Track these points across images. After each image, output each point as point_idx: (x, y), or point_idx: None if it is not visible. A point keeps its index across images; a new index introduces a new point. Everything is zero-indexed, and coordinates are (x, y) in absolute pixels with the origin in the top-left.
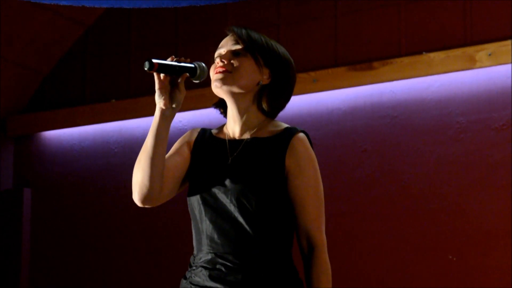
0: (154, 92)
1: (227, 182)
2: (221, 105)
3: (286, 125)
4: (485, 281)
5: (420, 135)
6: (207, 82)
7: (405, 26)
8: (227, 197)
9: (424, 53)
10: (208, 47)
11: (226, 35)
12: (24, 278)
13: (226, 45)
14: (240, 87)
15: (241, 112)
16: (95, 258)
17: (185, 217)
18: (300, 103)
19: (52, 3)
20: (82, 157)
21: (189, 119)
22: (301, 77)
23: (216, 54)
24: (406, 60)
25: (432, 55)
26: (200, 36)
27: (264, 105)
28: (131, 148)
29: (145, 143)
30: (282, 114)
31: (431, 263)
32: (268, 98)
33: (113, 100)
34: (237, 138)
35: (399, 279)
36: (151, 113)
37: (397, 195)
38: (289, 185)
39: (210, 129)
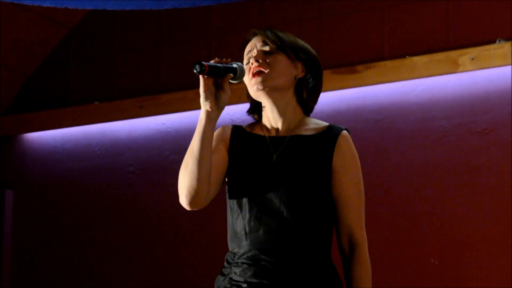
0: (137, 94)
1: (274, 180)
2: (254, 111)
3: (326, 123)
4: (467, 284)
5: (403, 138)
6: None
7: (389, 30)
8: (276, 195)
9: (407, 57)
10: (192, 49)
11: (247, 40)
12: (6, 279)
13: (254, 48)
14: (280, 84)
15: (281, 109)
16: (77, 259)
17: (168, 215)
18: None
19: (35, 4)
20: (64, 159)
21: (173, 122)
22: None
23: (246, 59)
24: (389, 63)
25: (415, 59)
26: (183, 38)
27: (305, 96)
28: (114, 150)
29: (191, 146)
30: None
31: (413, 267)
32: (307, 89)
33: (96, 102)
34: (277, 135)
35: (381, 282)
36: (134, 115)
37: (380, 198)
38: (334, 183)
39: (241, 126)
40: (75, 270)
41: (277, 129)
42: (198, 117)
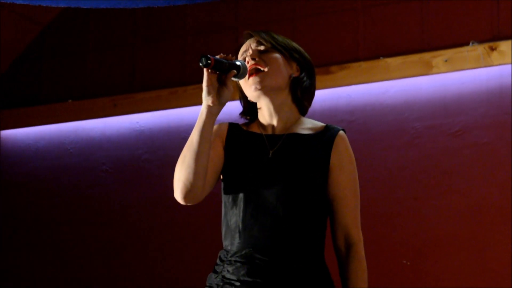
0: (111, 92)
1: (270, 177)
2: (249, 113)
3: (322, 123)
4: (439, 285)
5: (376, 139)
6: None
7: (363, 31)
8: (271, 192)
9: (381, 58)
10: (166, 48)
11: (241, 44)
12: None
13: (249, 48)
14: (277, 82)
15: (277, 107)
16: (48, 257)
17: (142, 214)
18: None
19: (9, 2)
20: (37, 157)
21: (147, 121)
22: None
23: (241, 59)
24: (363, 65)
25: (389, 60)
26: (158, 36)
27: (299, 95)
28: (87, 149)
29: (190, 140)
30: (239, 118)
31: (385, 268)
32: (302, 89)
33: (70, 100)
34: (274, 133)
35: None
36: (108, 114)
37: None
38: (331, 182)
39: (238, 123)
40: (47, 268)
41: (273, 128)
42: (172, 116)
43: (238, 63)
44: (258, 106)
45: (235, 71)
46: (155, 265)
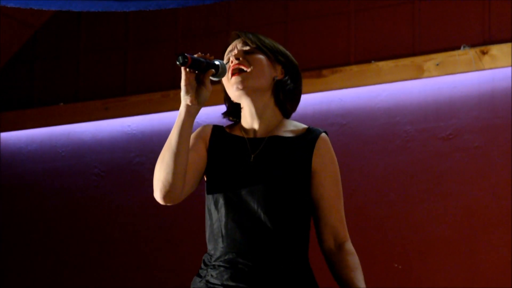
0: (102, 96)
1: (252, 181)
2: (231, 114)
3: (305, 125)
4: None
5: (368, 143)
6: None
7: (355, 35)
8: (253, 197)
9: (373, 62)
10: (158, 51)
11: (229, 44)
12: None
13: (235, 48)
14: (260, 84)
15: (259, 110)
16: (40, 261)
17: (133, 217)
18: None
19: (0, 5)
20: (29, 160)
21: (138, 124)
22: None
23: (226, 58)
24: (355, 68)
25: (381, 64)
26: (150, 40)
27: (282, 98)
28: (78, 152)
29: (168, 140)
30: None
31: (376, 271)
32: (284, 91)
33: (61, 103)
34: (256, 136)
35: None
36: (99, 117)
37: (344, 202)
38: (315, 185)
39: (222, 126)
40: (37, 270)
41: (255, 131)
42: (164, 120)
43: (216, 62)
44: (242, 107)
45: (213, 70)
46: (148, 267)
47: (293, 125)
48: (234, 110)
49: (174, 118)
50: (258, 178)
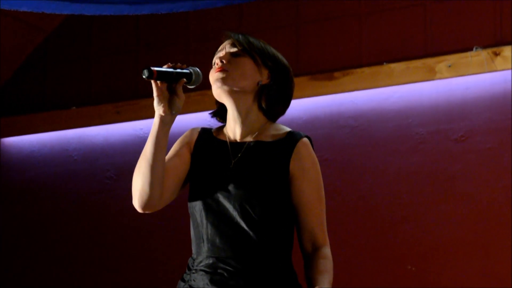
0: (114, 99)
1: (230, 187)
2: (218, 114)
3: (288, 129)
4: None
5: (380, 145)
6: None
7: (366, 37)
8: (230, 203)
9: (384, 63)
10: (169, 54)
11: (220, 42)
12: None
13: (224, 49)
14: (241, 86)
15: (242, 113)
16: (53, 264)
17: (146, 220)
18: None
19: (12, 9)
20: (41, 164)
21: (150, 127)
22: None
23: (214, 58)
24: (367, 70)
25: (393, 65)
26: (161, 43)
27: (265, 105)
28: (90, 156)
29: (144, 149)
30: None
31: (390, 273)
32: (268, 98)
33: (73, 107)
34: (238, 140)
35: None
36: (111, 121)
37: (357, 204)
38: (294, 189)
39: (211, 129)
40: (52, 275)
41: (238, 134)
42: (176, 123)
43: (188, 70)
44: (227, 110)
45: (185, 79)
46: (160, 270)
47: (276, 129)
48: (221, 111)
49: (186, 121)
50: (236, 185)
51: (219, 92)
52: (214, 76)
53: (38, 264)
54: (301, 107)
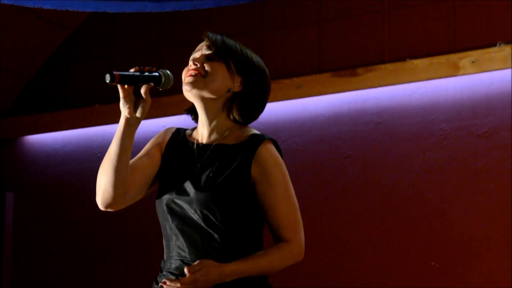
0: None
1: (192, 191)
2: (192, 111)
3: (253, 132)
4: (468, 287)
5: (403, 141)
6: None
7: (389, 33)
8: (191, 208)
9: (408, 59)
10: (192, 52)
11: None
12: (7, 282)
13: (200, 50)
14: (210, 92)
15: (210, 117)
16: (77, 261)
17: None
18: (284, 109)
19: (36, 7)
20: (65, 162)
21: (173, 124)
22: (285, 83)
23: (190, 58)
24: (390, 66)
25: (416, 62)
26: (184, 41)
27: (235, 113)
28: None
29: (109, 150)
30: (265, 120)
31: (414, 270)
32: (238, 106)
33: (97, 105)
34: (205, 143)
35: (381, 286)
36: None
37: (380, 201)
38: (258, 193)
39: (185, 129)
40: (75, 272)
41: (205, 137)
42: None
43: (157, 73)
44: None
45: (152, 83)
46: None
47: (240, 132)
48: (195, 110)
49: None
50: (197, 190)
51: (187, 95)
52: (184, 78)
53: (64, 262)
54: (324, 104)
